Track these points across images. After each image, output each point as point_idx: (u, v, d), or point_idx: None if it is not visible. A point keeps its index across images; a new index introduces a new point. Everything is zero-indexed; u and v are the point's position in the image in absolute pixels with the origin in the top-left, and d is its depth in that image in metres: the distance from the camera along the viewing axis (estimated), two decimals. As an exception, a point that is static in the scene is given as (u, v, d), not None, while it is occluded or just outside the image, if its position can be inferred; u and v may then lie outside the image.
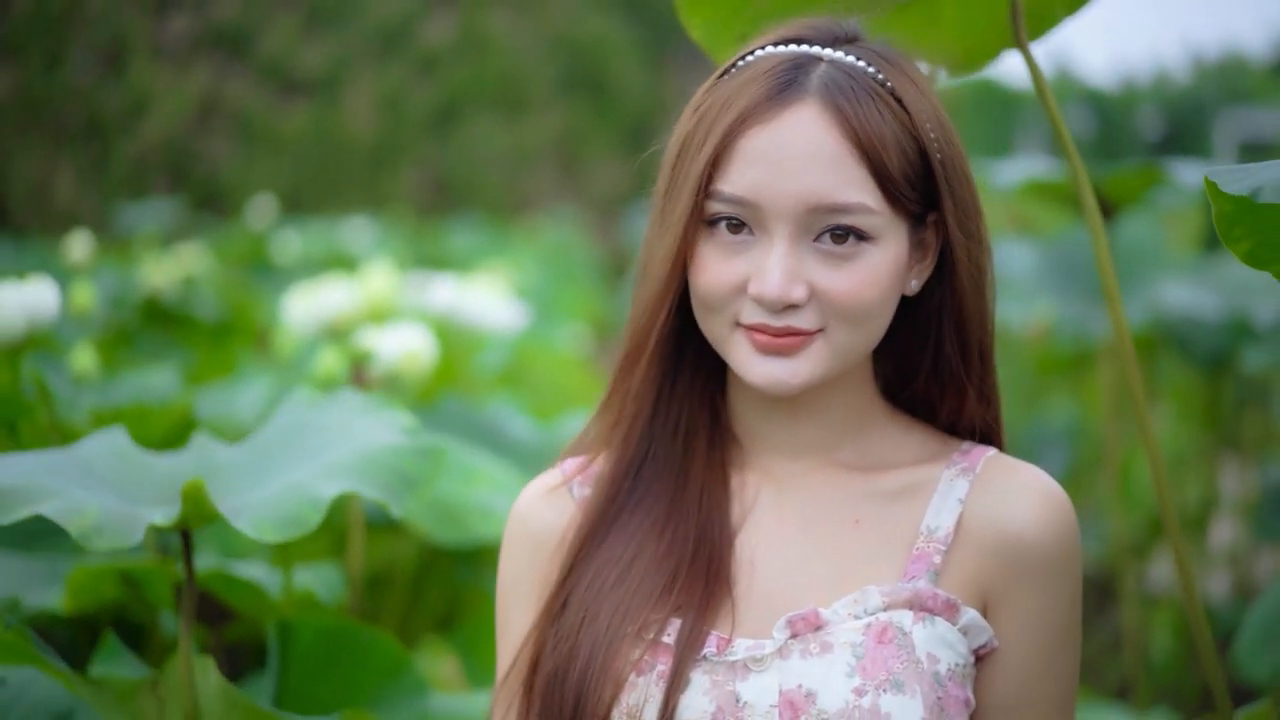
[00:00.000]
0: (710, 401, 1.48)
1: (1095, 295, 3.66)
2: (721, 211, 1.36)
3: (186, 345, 4.30)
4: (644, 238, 1.45)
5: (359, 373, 2.54)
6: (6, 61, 13.34)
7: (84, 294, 3.30)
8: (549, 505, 1.49)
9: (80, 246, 4.52)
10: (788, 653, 1.34)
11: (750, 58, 1.41)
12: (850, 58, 1.38)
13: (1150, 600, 4.23)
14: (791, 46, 1.40)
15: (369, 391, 2.48)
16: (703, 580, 1.40)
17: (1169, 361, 4.30)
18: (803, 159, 1.33)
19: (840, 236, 1.34)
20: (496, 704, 1.47)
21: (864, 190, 1.34)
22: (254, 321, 4.72)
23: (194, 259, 5.43)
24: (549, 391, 4.18)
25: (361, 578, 2.53)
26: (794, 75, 1.36)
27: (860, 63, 1.38)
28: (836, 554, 1.41)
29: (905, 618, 1.35)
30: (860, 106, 1.34)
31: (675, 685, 1.34)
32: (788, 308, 1.35)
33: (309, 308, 3.07)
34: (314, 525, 1.57)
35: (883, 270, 1.35)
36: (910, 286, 1.42)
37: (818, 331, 1.36)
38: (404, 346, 2.63)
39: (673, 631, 1.37)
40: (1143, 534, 4.26)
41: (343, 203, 13.04)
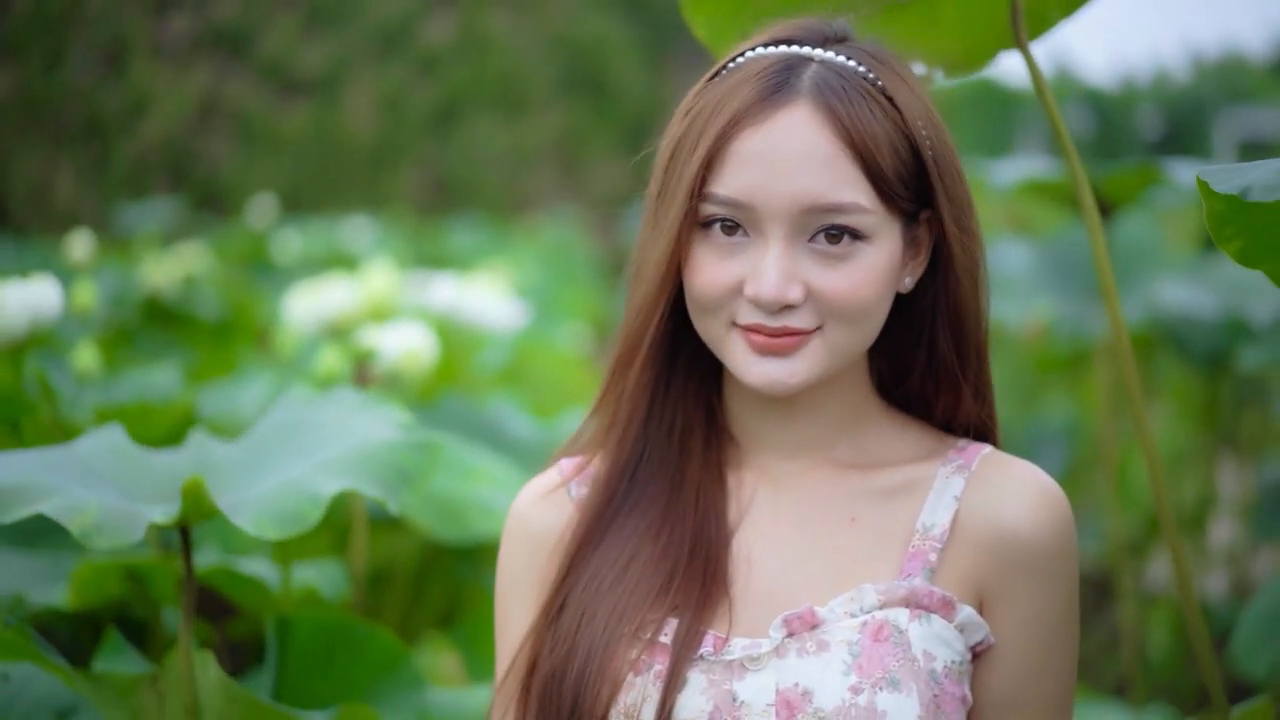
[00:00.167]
0: (706, 401, 1.48)
1: (1093, 294, 3.67)
2: (716, 213, 1.36)
3: (187, 344, 4.31)
4: (637, 240, 1.45)
5: (362, 371, 2.55)
6: (7, 61, 13.35)
7: (85, 293, 3.31)
8: (547, 505, 1.49)
9: (81, 246, 4.53)
10: (784, 651, 1.34)
11: (740, 59, 1.41)
12: (841, 57, 1.38)
13: (1148, 599, 4.24)
14: (782, 47, 1.40)
15: (371, 390, 2.49)
16: (699, 580, 1.40)
17: (1167, 361, 4.30)
18: (796, 160, 1.33)
19: (835, 236, 1.34)
20: (495, 706, 1.47)
21: (858, 190, 1.34)
22: (255, 321, 4.72)
23: (194, 258, 5.44)
24: (549, 390, 4.19)
25: (364, 574, 2.54)
26: (785, 77, 1.36)
27: (851, 62, 1.38)
28: (833, 552, 1.41)
29: (901, 615, 1.35)
30: (852, 106, 1.34)
31: (672, 685, 1.34)
32: (784, 308, 1.35)
33: (310, 307, 3.08)
34: (314, 522, 1.58)
35: (878, 269, 1.36)
36: (904, 284, 1.42)
37: (814, 330, 1.36)
38: (405, 345, 2.64)
39: (670, 631, 1.37)
40: (1140, 533, 4.27)
41: (343, 202, 13.05)
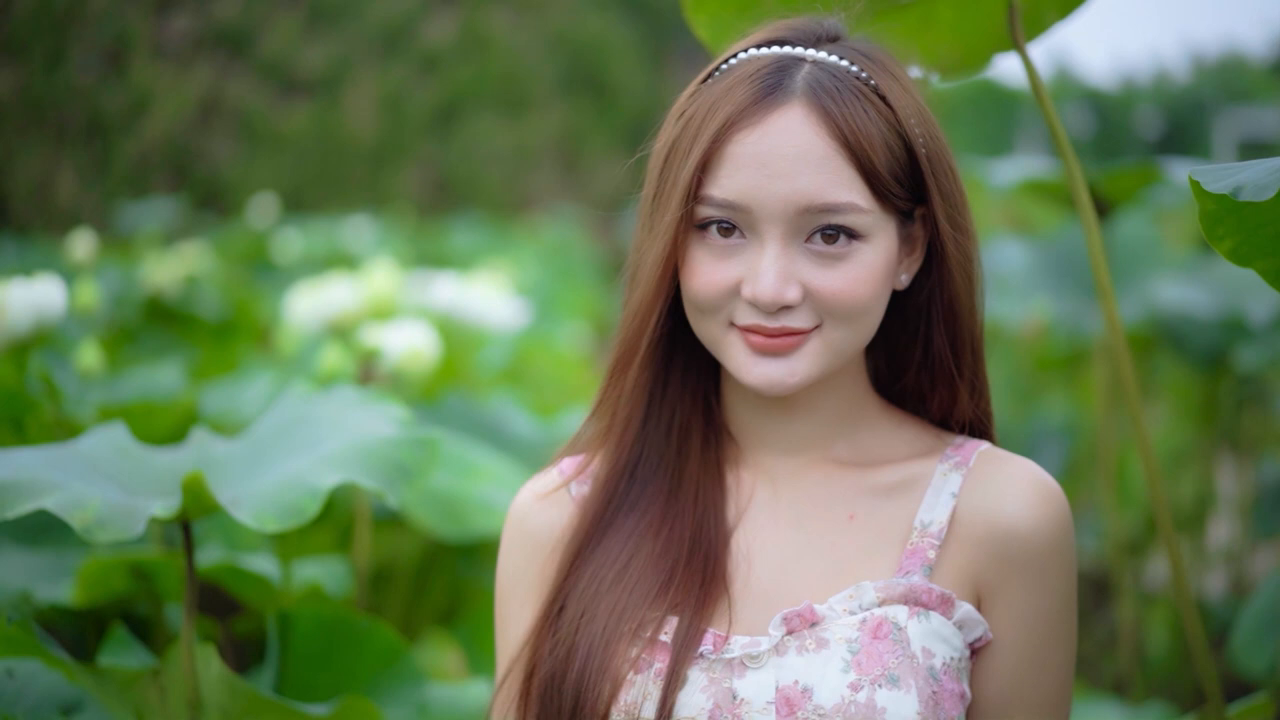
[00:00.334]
0: (704, 401, 1.48)
1: (1091, 293, 3.68)
2: (712, 215, 1.36)
3: (188, 343, 4.32)
4: (632, 243, 1.46)
5: (366, 369, 2.56)
6: (8, 61, 13.35)
7: (87, 292, 3.32)
8: (547, 504, 1.50)
9: (83, 245, 4.54)
10: (784, 649, 1.35)
11: (733, 60, 1.41)
12: (833, 57, 1.39)
13: (1147, 597, 4.24)
14: (774, 48, 1.40)
15: (375, 388, 2.50)
16: (699, 578, 1.40)
17: (1165, 360, 4.31)
18: (791, 161, 1.34)
19: (831, 236, 1.35)
20: (495, 708, 1.47)
21: (853, 189, 1.34)
22: (256, 320, 4.73)
23: (196, 258, 5.44)
24: (550, 388, 4.20)
25: (367, 571, 2.55)
26: (779, 78, 1.36)
27: (843, 62, 1.38)
28: (831, 550, 1.41)
29: (900, 613, 1.36)
30: (846, 106, 1.35)
31: (673, 683, 1.35)
32: (782, 309, 1.35)
33: (312, 306, 3.09)
34: (312, 515, 1.59)
35: (874, 267, 1.36)
36: (900, 281, 1.43)
37: (813, 330, 1.37)
38: (407, 344, 2.65)
39: (670, 629, 1.38)
40: (1139, 531, 4.27)
41: (344, 202, 13.05)
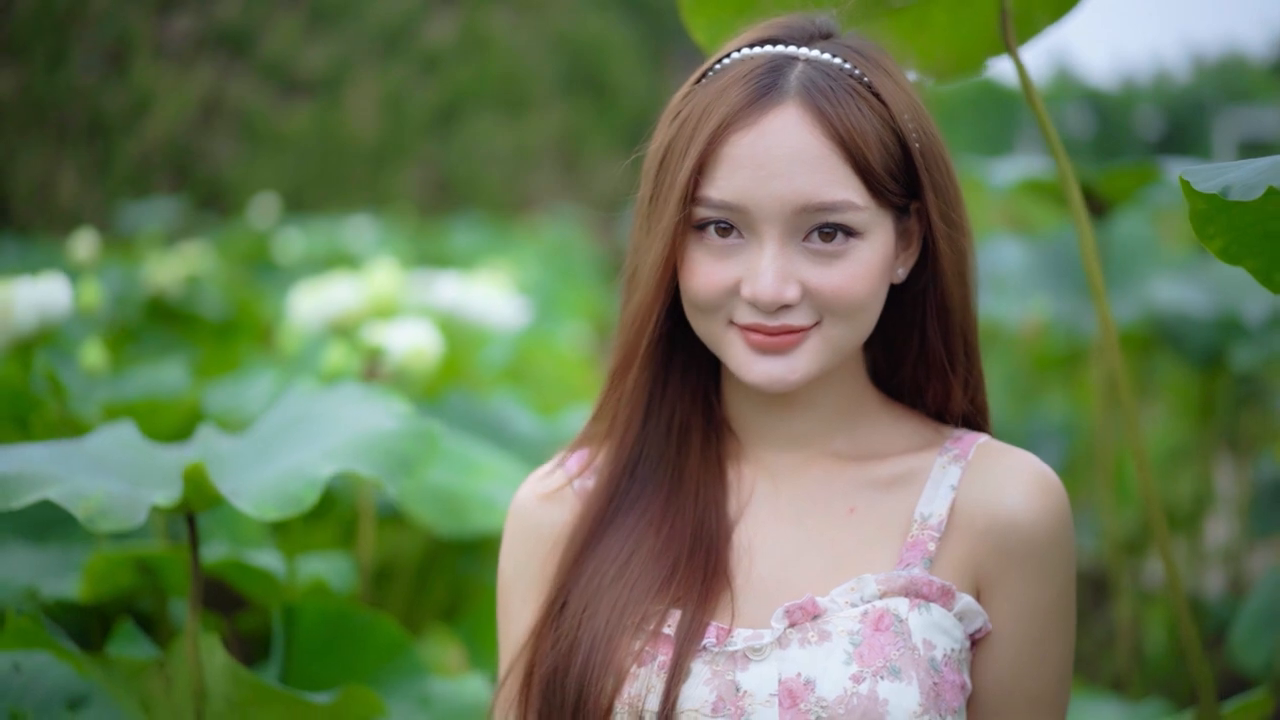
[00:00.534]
0: (704, 397, 1.49)
1: (1089, 292, 3.69)
2: (710, 216, 1.37)
3: (190, 343, 4.34)
4: (629, 245, 1.46)
5: (371, 367, 2.58)
6: (10, 61, 13.36)
7: (90, 292, 3.33)
8: (549, 497, 1.50)
9: (85, 245, 4.55)
10: (786, 642, 1.36)
11: (727, 60, 1.42)
12: (826, 55, 1.39)
13: (1145, 596, 4.25)
14: (767, 47, 1.41)
15: (378, 386, 2.52)
16: (701, 572, 1.41)
17: (1163, 359, 4.32)
18: (787, 161, 1.34)
19: (828, 234, 1.36)
20: (497, 706, 1.48)
21: (849, 187, 1.35)
22: (258, 319, 4.75)
23: (197, 258, 5.46)
24: (550, 388, 4.22)
25: (370, 567, 2.56)
26: (773, 78, 1.37)
27: (837, 60, 1.39)
28: (832, 543, 1.42)
29: (901, 605, 1.37)
30: (840, 105, 1.35)
31: (676, 676, 1.35)
32: (782, 307, 1.36)
33: (315, 305, 3.10)
34: (311, 504, 1.60)
35: (872, 264, 1.37)
36: (897, 274, 1.44)
37: (812, 327, 1.37)
38: (410, 342, 2.66)
39: (673, 623, 1.39)
40: (1137, 530, 4.28)
41: (345, 202, 13.05)
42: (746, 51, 1.41)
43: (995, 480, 1.42)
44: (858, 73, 1.38)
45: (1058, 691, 1.44)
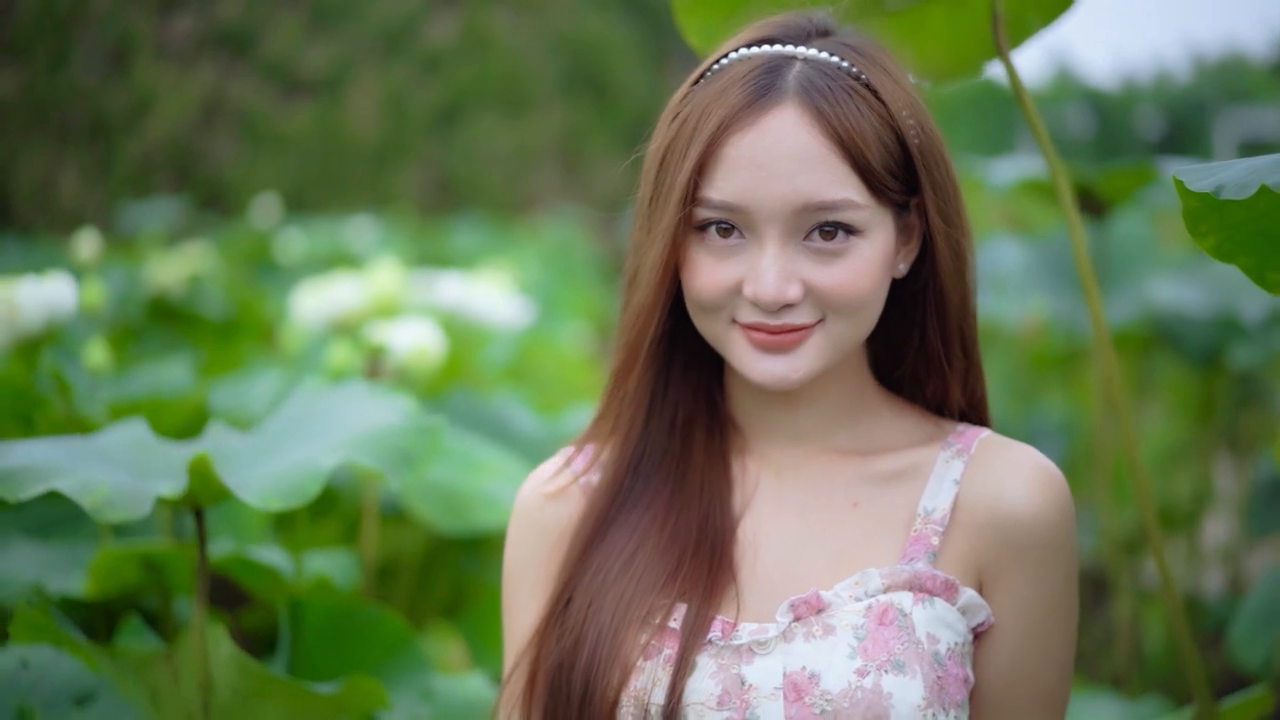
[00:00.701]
0: (707, 393, 1.50)
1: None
2: (711, 217, 1.38)
3: (193, 342, 4.35)
4: (630, 246, 1.46)
5: (374, 365, 2.59)
6: (12, 61, 13.38)
7: (93, 291, 3.34)
8: (554, 491, 1.51)
9: (88, 245, 4.56)
10: (791, 635, 1.37)
11: (724, 61, 1.42)
12: (824, 54, 1.39)
13: (1144, 594, 4.26)
14: (765, 47, 1.41)
15: (381, 384, 2.53)
16: (706, 566, 1.42)
17: (1162, 358, 4.33)
18: (787, 161, 1.35)
19: (829, 233, 1.36)
20: (501, 704, 1.49)
21: (848, 186, 1.36)
22: (261, 319, 4.76)
23: (199, 258, 5.47)
24: (552, 386, 4.23)
25: (373, 564, 2.58)
26: (771, 79, 1.37)
27: (834, 58, 1.39)
28: (836, 537, 1.43)
29: (905, 599, 1.37)
30: (838, 105, 1.36)
31: (682, 669, 1.36)
32: (784, 306, 1.37)
33: (317, 304, 3.11)
34: (313, 494, 1.62)
35: (873, 261, 1.38)
36: (898, 270, 1.44)
37: (815, 324, 1.38)
38: (413, 341, 2.68)
39: (678, 617, 1.39)
40: (1136, 529, 4.29)
41: (346, 202, 13.05)
42: (744, 51, 1.41)
43: (997, 474, 1.43)
44: (855, 71, 1.39)
45: (1059, 684, 1.45)
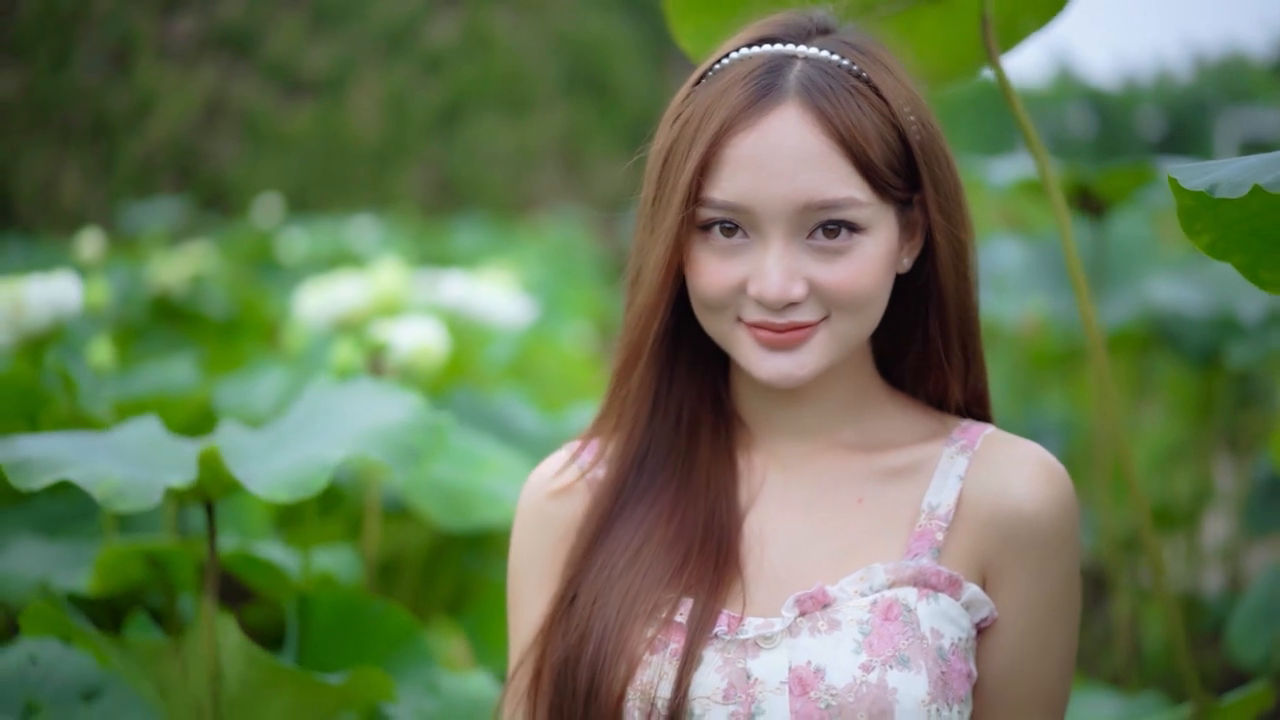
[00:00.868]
0: (712, 390, 1.50)
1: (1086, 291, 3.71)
2: (714, 217, 1.38)
3: (195, 342, 4.37)
4: (633, 246, 1.47)
5: (375, 363, 2.61)
6: (14, 62, 13.39)
7: (97, 291, 3.35)
8: (560, 488, 1.51)
9: (91, 244, 4.58)
10: (797, 630, 1.37)
11: (726, 60, 1.42)
12: (824, 52, 1.40)
13: (1144, 593, 4.27)
14: (765, 46, 1.41)
15: (384, 381, 2.55)
16: (713, 561, 1.42)
17: (1161, 357, 4.34)
18: (790, 161, 1.35)
19: (833, 231, 1.37)
20: (506, 701, 1.49)
21: (851, 184, 1.36)
22: (263, 318, 4.77)
23: (201, 257, 5.48)
24: (554, 385, 4.24)
25: (376, 561, 2.59)
26: (772, 79, 1.38)
27: (835, 57, 1.40)
28: (841, 533, 1.44)
29: (910, 594, 1.38)
30: (839, 103, 1.36)
31: (688, 663, 1.37)
32: (789, 305, 1.37)
33: (320, 303, 3.13)
34: (320, 487, 1.64)
35: (876, 258, 1.38)
36: (903, 265, 1.45)
37: (820, 322, 1.39)
38: (417, 339, 2.69)
39: (685, 611, 1.40)
40: (1136, 527, 4.29)
41: (348, 202, 13.06)
42: (745, 51, 1.42)
43: (1001, 470, 1.43)
44: (856, 69, 1.39)
45: (1060, 680, 1.45)
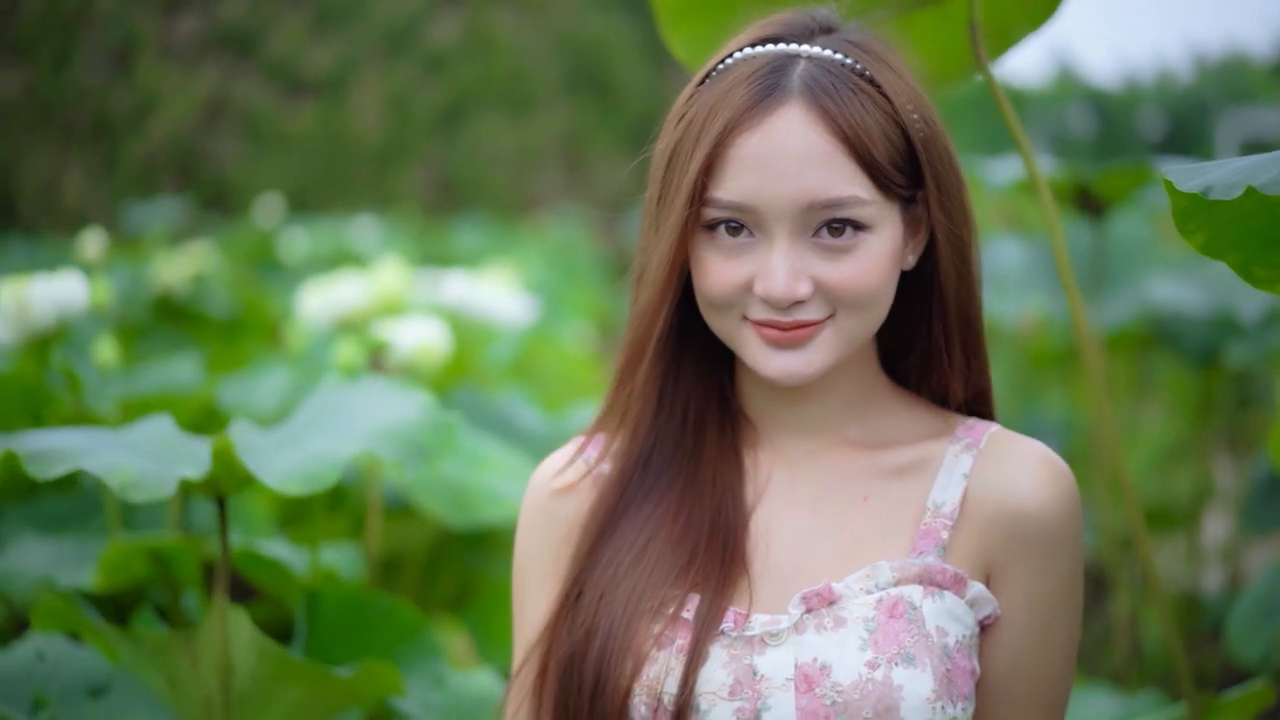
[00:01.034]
0: (719, 387, 1.51)
1: (1085, 290, 3.73)
2: (719, 216, 1.39)
3: (198, 341, 4.38)
4: (638, 245, 1.48)
5: (376, 362, 2.62)
6: (16, 61, 13.41)
7: (100, 290, 3.36)
8: (565, 486, 1.52)
9: (94, 244, 4.58)
10: (803, 627, 1.38)
11: (729, 60, 1.43)
12: (827, 51, 1.40)
13: (1143, 591, 4.28)
14: (769, 46, 1.42)
15: (389, 379, 2.57)
16: (719, 558, 1.43)
17: (1161, 357, 4.35)
18: (794, 160, 1.35)
19: (837, 229, 1.37)
20: (510, 698, 1.50)
21: (855, 183, 1.37)
22: (265, 317, 4.79)
23: (203, 257, 5.49)
24: (555, 385, 4.25)
25: (378, 558, 2.60)
26: (775, 78, 1.38)
27: (838, 55, 1.40)
28: (846, 530, 1.44)
29: (915, 592, 1.39)
30: (843, 102, 1.37)
31: (695, 660, 1.37)
32: (795, 303, 1.38)
33: (323, 302, 3.14)
34: (332, 481, 1.66)
35: (881, 256, 1.39)
36: (907, 261, 1.45)
37: (826, 319, 1.39)
38: (420, 338, 2.70)
39: (691, 607, 1.40)
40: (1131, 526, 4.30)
41: (350, 202, 13.06)
42: (749, 51, 1.42)
43: (1007, 469, 1.44)
44: (859, 67, 1.40)
45: (1060, 679, 1.46)
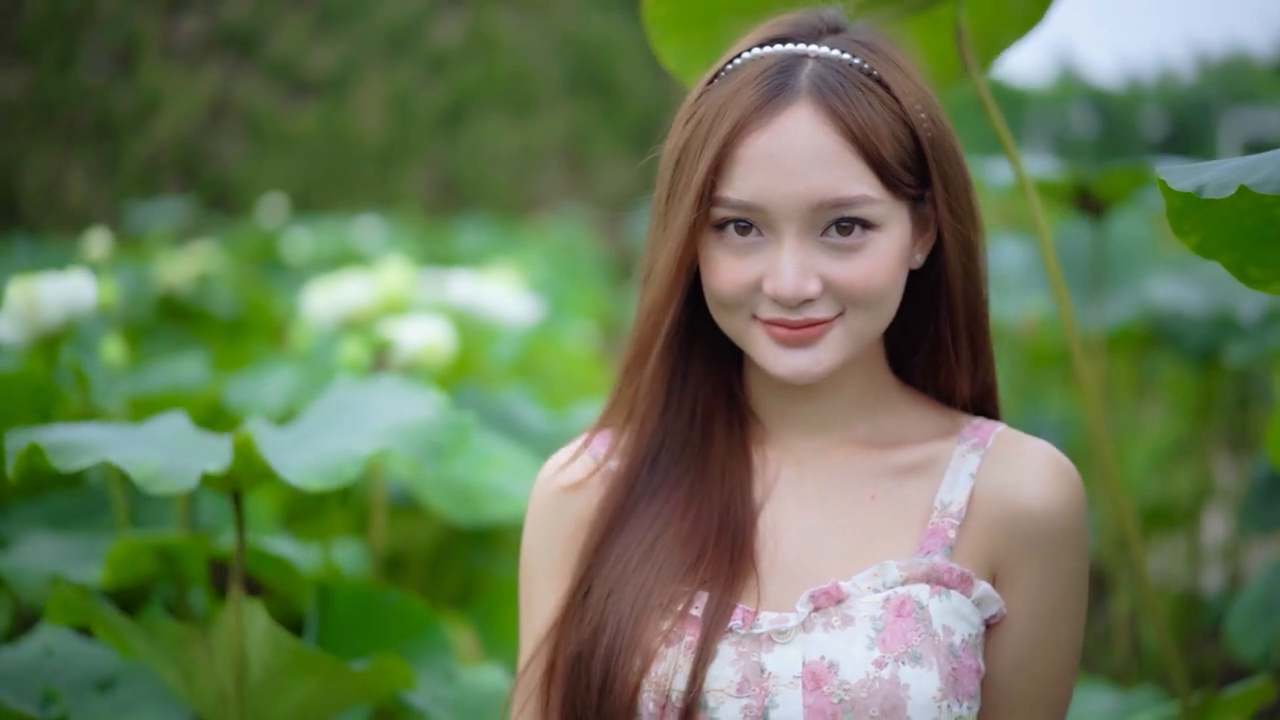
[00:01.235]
0: (726, 385, 1.51)
1: (1086, 290, 3.74)
2: (728, 216, 1.39)
3: (202, 340, 4.40)
4: (646, 243, 1.48)
5: (381, 361, 2.63)
6: (19, 62, 13.43)
7: (106, 290, 3.38)
8: (573, 478, 1.52)
9: (98, 244, 4.60)
10: (810, 625, 1.38)
11: (738, 60, 1.43)
12: (835, 51, 1.41)
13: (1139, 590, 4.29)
14: (777, 46, 1.42)
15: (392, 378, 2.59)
16: (728, 555, 1.43)
17: (1161, 357, 4.36)
18: (802, 160, 1.36)
19: (846, 228, 1.38)
20: (516, 696, 1.50)
21: (864, 182, 1.37)
22: (269, 317, 4.80)
23: (207, 257, 5.51)
24: (559, 384, 4.27)
25: (383, 555, 2.62)
26: (784, 78, 1.39)
27: (845, 55, 1.41)
28: (854, 529, 1.45)
29: (922, 591, 1.39)
30: (851, 102, 1.37)
31: (703, 657, 1.37)
32: (804, 302, 1.39)
33: (328, 302, 3.15)
34: (351, 477, 1.69)
35: (890, 255, 1.40)
36: (915, 260, 1.46)
37: (835, 318, 1.40)
38: (424, 337, 2.72)
39: (700, 605, 1.40)
40: (1134, 525, 4.31)
41: (352, 202, 13.07)
42: (757, 51, 1.43)
43: (1014, 469, 1.45)
44: (867, 67, 1.41)
45: (1063, 678, 1.47)
